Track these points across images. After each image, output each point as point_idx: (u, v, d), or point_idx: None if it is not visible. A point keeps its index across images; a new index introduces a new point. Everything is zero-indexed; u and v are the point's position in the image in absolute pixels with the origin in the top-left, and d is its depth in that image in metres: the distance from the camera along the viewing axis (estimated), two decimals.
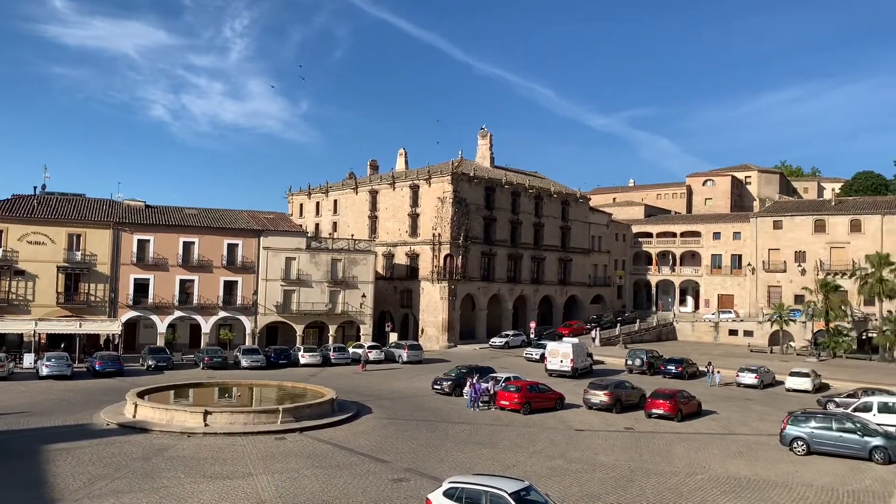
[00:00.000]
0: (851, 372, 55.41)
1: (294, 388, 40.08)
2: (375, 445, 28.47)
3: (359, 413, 34.80)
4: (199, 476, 23.22)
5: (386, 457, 26.54)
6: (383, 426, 32.45)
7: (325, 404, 34.09)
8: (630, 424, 34.47)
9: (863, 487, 23.87)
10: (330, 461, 25.70)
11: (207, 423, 30.25)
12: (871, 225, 78.79)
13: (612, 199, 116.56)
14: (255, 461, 25.34)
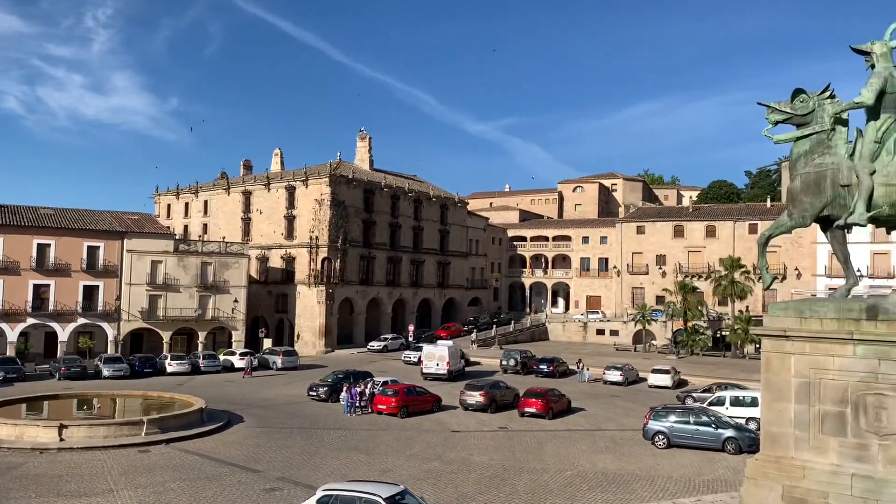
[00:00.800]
0: (707, 368, 59.26)
1: (160, 397, 38.18)
2: (247, 455, 27.58)
3: (230, 422, 33.61)
4: (52, 495, 21.63)
5: (258, 466, 25.77)
6: (255, 435, 31.50)
7: (193, 414, 32.68)
8: (504, 424, 35.28)
9: (717, 477, 25.55)
10: (198, 473, 24.65)
11: (63, 437, 28.23)
12: (724, 231, 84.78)
13: (490, 203, 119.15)
14: (116, 476, 23.90)
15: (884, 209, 12.39)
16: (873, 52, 12.66)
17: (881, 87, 12.29)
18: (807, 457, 12.17)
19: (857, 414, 11.83)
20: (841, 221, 12.78)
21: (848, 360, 12.05)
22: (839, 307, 12.40)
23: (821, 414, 12.15)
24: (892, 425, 11.52)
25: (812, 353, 12.39)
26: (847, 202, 12.63)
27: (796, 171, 13.31)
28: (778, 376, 12.65)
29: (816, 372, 12.30)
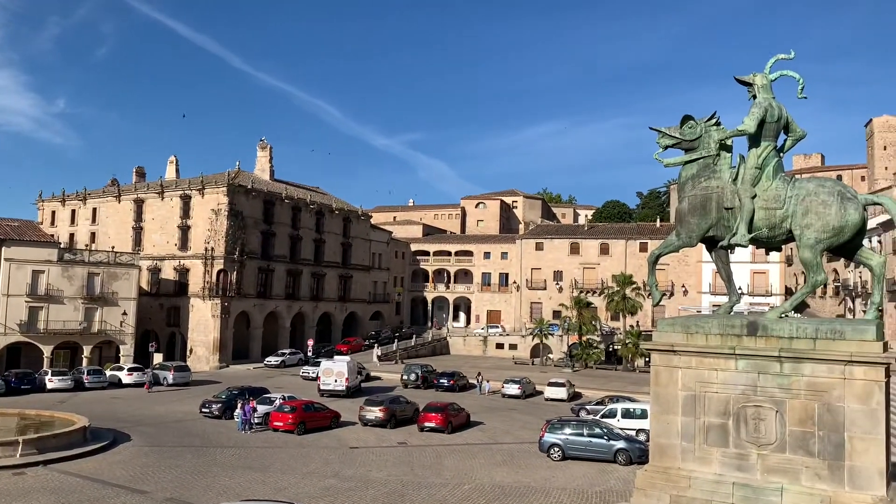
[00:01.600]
0: (600, 381, 61.16)
1: (39, 416, 35.77)
2: (133, 475, 26.21)
3: (115, 441, 31.86)
4: None
5: (145, 487, 24.53)
6: (143, 454, 30.00)
7: (74, 433, 30.78)
8: (403, 439, 35.12)
9: (608, 488, 26.30)
10: (78, 496, 23.20)
11: None
12: (617, 248, 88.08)
13: (393, 217, 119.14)
14: None
15: (763, 231, 13.17)
16: (755, 84, 13.50)
17: (762, 117, 13.10)
18: (692, 467, 12.71)
19: (739, 425, 12.45)
20: (725, 242, 13.49)
21: (730, 374, 12.68)
22: (722, 323, 13.06)
23: (705, 426, 12.72)
24: (770, 436, 12.19)
25: (698, 367, 12.97)
26: (730, 224, 13.35)
27: (684, 193, 13.97)
28: (666, 389, 13.17)
29: (702, 385, 12.88)
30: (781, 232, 13.06)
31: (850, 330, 12.11)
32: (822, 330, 12.28)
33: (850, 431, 11.67)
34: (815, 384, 11.99)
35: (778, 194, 12.97)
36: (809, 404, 12.00)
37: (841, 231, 12.47)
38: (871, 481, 11.43)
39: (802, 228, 12.64)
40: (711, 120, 13.88)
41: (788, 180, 13.20)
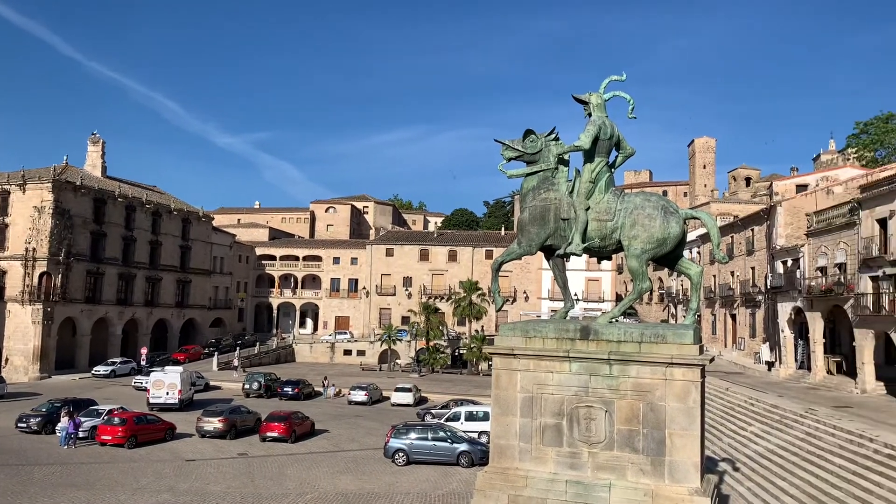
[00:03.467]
0: (446, 385, 62.23)
1: None
2: None
3: None
4: None
5: None
6: None
7: None
8: (244, 450, 33.90)
9: (451, 490, 26.77)
10: None
11: None
12: (464, 255, 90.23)
13: (237, 220, 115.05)
14: None
15: (595, 241, 13.96)
16: (590, 102, 14.29)
17: (596, 134, 13.89)
18: (529, 466, 13.19)
19: (572, 425, 13.07)
20: (561, 251, 14.16)
21: (565, 376, 13.29)
22: (558, 328, 13.68)
23: (542, 426, 13.25)
24: (600, 434, 12.89)
25: (535, 369, 13.49)
26: (567, 234, 14.03)
27: (525, 203, 14.54)
28: (506, 392, 13.60)
29: (539, 387, 13.41)
30: (612, 242, 13.89)
31: (671, 334, 13.06)
32: (646, 334, 13.14)
33: (670, 428, 12.56)
34: (640, 385, 12.81)
35: (609, 207, 13.78)
36: (635, 404, 12.80)
37: (664, 242, 13.43)
38: (688, 474, 12.36)
39: (630, 239, 13.51)
40: (551, 135, 14.53)
41: (619, 194, 14.07)
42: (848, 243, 39.98)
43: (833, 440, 25.30)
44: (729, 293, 59.64)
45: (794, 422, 29.05)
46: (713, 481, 14.28)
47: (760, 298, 53.25)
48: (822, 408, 30.91)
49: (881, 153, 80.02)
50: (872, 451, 22.72)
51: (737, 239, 58.75)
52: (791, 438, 27.51)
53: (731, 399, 36.64)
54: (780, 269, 48.61)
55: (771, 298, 50.06)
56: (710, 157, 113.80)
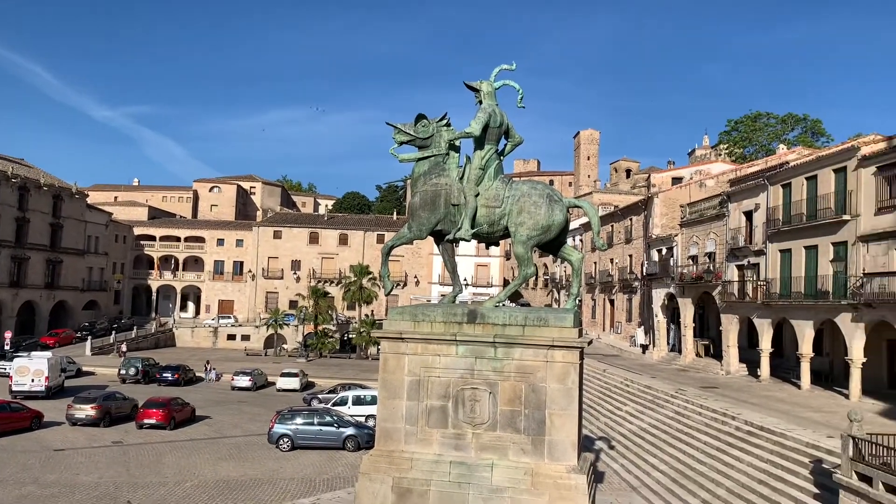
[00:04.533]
0: (334, 370, 61.78)
1: None
2: None
3: None
4: None
5: None
6: None
7: None
8: (119, 438, 32.42)
9: (336, 474, 26.68)
10: None
11: None
12: (355, 239, 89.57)
13: (114, 197, 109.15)
14: None
15: (484, 227, 14.19)
16: (481, 90, 14.47)
17: (486, 122, 14.09)
18: (414, 449, 13.32)
19: (457, 407, 13.30)
20: (450, 236, 14.31)
21: (451, 359, 13.49)
22: (446, 312, 13.85)
23: (428, 409, 13.40)
24: (484, 416, 13.18)
25: (423, 353, 13.61)
26: (456, 219, 14.19)
27: (416, 188, 14.58)
28: (393, 375, 13.66)
29: (426, 370, 13.54)
30: (499, 228, 14.16)
31: (553, 318, 13.49)
32: (530, 318, 13.53)
33: (550, 409, 13.01)
34: (523, 367, 13.17)
35: (497, 194, 14.03)
36: (518, 385, 13.16)
37: (548, 229, 13.83)
38: (566, 453, 12.86)
39: (517, 226, 13.83)
40: (443, 121, 14.61)
41: (507, 181, 14.35)
42: (717, 234, 42.61)
43: (700, 418, 27.01)
44: (608, 279, 62.27)
45: (665, 402, 30.78)
46: (590, 459, 14.94)
47: (637, 285, 55.93)
48: (690, 388, 32.91)
49: (749, 150, 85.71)
50: (734, 429, 24.42)
51: (617, 228, 61.36)
52: (662, 417, 29.16)
53: (608, 380, 38.38)
54: (655, 257, 51.21)
55: (646, 285, 52.68)
56: (593, 149, 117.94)
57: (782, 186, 36.07)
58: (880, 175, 29.45)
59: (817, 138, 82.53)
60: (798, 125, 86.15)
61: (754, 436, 22.96)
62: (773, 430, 22.51)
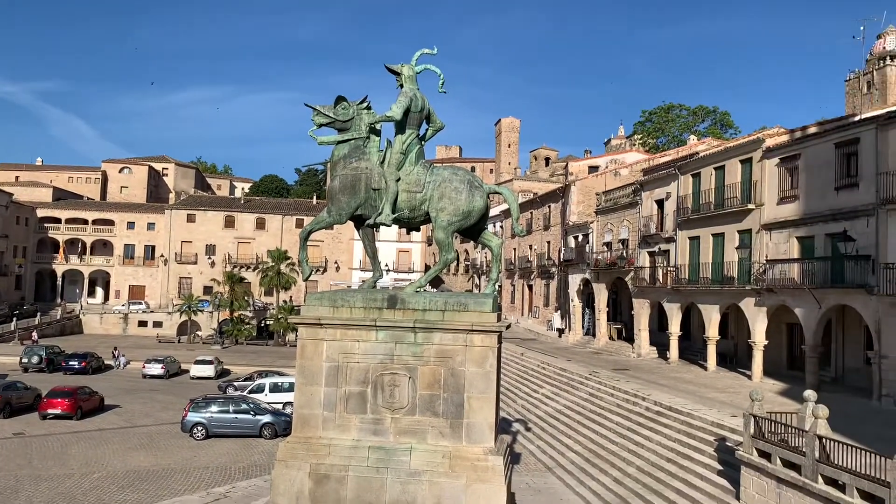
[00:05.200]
0: (250, 357, 60.62)
1: None
2: None
3: None
4: None
5: None
6: None
7: None
8: (21, 429, 30.91)
9: (253, 462, 26.24)
10: None
11: None
12: (273, 224, 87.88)
13: (15, 177, 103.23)
14: None
15: (405, 212, 14.13)
16: (402, 74, 14.35)
17: (407, 106, 13.99)
18: (332, 435, 13.21)
19: (376, 392, 13.26)
20: (371, 221, 14.18)
21: (371, 345, 13.42)
22: (366, 297, 13.75)
23: (346, 394, 13.30)
24: (403, 400, 13.19)
25: (342, 339, 13.48)
26: (377, 204, 14.07)
27: (336, 172, 14.36)
28: (311, 361, 13.48)
29: (345, 356, 13.43)
30: (420, 213, 14.14)
31: (472, 302, 13.61)
32: (450, 303, 13.59)
33: (469, 392, 13.13)
34: (443, 351, 13.25)
35: (419, 179, 13.99)
36: (437, 369, 13.23)
37: (469, 215, 13.90)
38: (483, 435, 13.03)
39: (437, 211, 13.84)
40: (363, 103, 14.43)
41: (428, 166, 14.33)
42: (631, 221, 43.92)
43: (612, 400, 27.88)
44: (527, 265, 63.33)
45: (579, 384, 31.62)
46: (507, 441, 15.20)
47: (554, 270, 57.10)
48: (604, 370, 33.92)
49: (662, 140, 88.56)
50: (644, 409, 25.33)
51: (536, 215, 62.38)
52: (577, 399, 29.96)
53: (526, 363, 39.12)
54: (572, 243, 52.37)
55: (563, 270, 53.85)
56: (514, 137, 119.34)
57: (692, 176, 37.44)
58: (782, 166, 30.96)
59: (726, 130, 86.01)
60: (708, 117, 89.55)
61: (663, 416, 23.88)
62: (681, 409, 23.46)
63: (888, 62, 79.96)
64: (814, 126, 32.63)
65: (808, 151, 29.56)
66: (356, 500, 12.74)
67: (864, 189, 26.29)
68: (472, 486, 12.55)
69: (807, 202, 29.36)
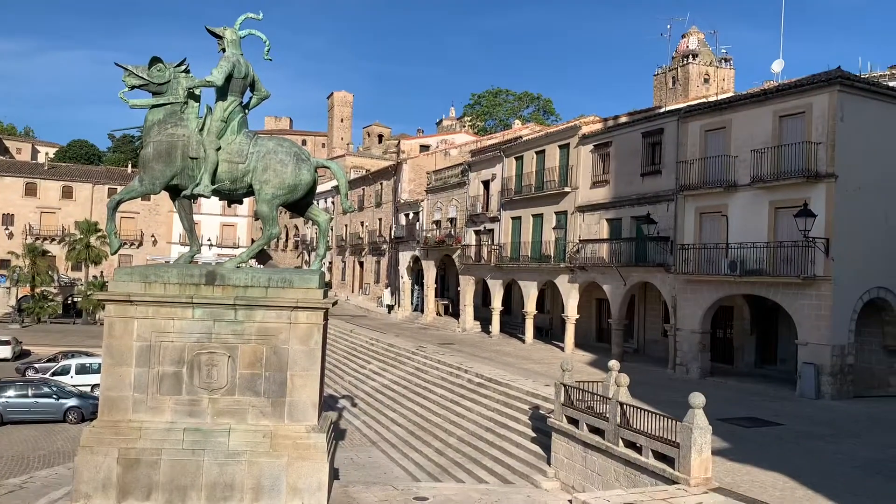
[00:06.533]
0: (55, 336, 55.81)
1: None
2: None
3: None
4: None
5: None
6: None
7: None
8: None
9: (55, 449, 24.26)
10: None
11: None
12: (82, 192, 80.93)
13: None
14: None
15: (226, 183, 13.51)
16: (225, 37, 13.65)
17: (229, 71, 13.32)
18: (144, 418, 12.48)
19: (193, 372, 12.66)
20: (187, 192, 13.42)
21: (187, 323, 12.78)
22: (182, 273, 13.04)
23: (160, 375, 12.60)
24: (222, 380, 12.71)
25: (155, 317, 12.72)
26: (195, 174, 13.32)
27: (150, 138, 13.42)
28: (120, 341, 12.62)
29: (158, 335, 12.69)
30: (243, 185, 13.60)
31: (298, 279, 13.34)
32: (274, 279, 13.24)
33: (292, 370, 12.91)
34: (265, 329, 12.89)
35: (241, 149, 13.43)
36: (259, 348, 12.87)
37: (295, 189, 13.56)
38: (306, 413, 12.88)
39: (262, 184, 13.37)
40: (181, 66, 13.58)
41: (252, 136, 13.78)
42: (459, 201, 45.09)
43: (437, 373, 28.64)
44: (358, 242, 63.21)
45: (406, 359, 32.17)
46: (331, 418, 15.14)
47: (385, 247, 57.47)
48: (430, 345, 34.73)
49: (490, 123, 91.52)
50: (466, 381, 26.26)
51: (368, 192, 62.31)
52: (403, 374, 30.47)
53: (355, 340, 39.17)
54: (403, 221, 52.93)
55: (394, 248, 54.35)
56: (347, 112, 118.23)
57: (516, 159, 39.05)
58: (596, 153, 33.08)
59: (548, 116, 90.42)
60: (532, 103, 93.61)
61: (484, 387, 24.89)
62: (500, 381, 24.57)
63: (690, 60, 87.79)
64: (625, 116, 35.14)
65: (619, 140, 31.79)
66: (170, 484, 12.18)
67: (666, 176, 28.72)
68: (293, 464, 12.40)
69: (616, 187, 31.60)
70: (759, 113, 25.02)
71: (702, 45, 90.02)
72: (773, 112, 24.55)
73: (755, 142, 24.79)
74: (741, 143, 25.39)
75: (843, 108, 22.68)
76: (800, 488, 12.79)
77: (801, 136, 23.34)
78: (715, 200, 26.28)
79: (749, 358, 28.81)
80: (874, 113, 23.63)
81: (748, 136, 25.16)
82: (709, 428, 12.97)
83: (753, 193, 24.84)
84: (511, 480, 18.19)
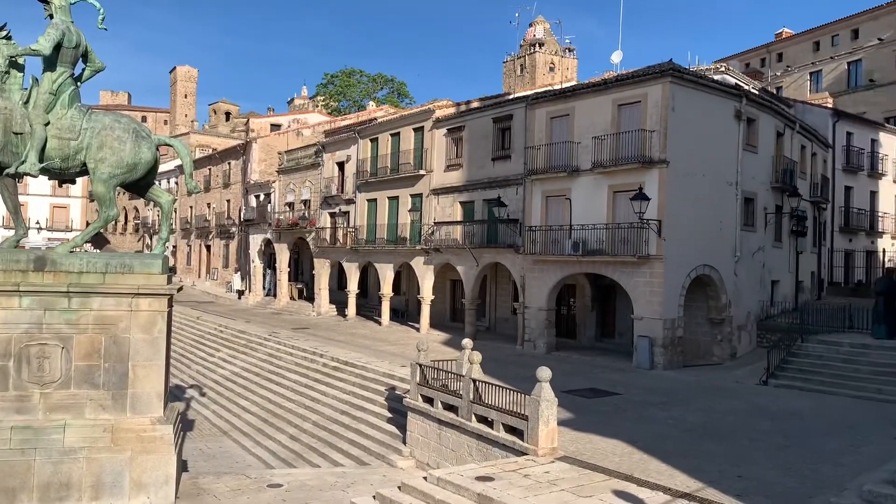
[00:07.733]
0: None
1: None
2: None
3: None
4: None
5: None
6: None
7: None
8: None
9: None
10: None
11: None
12: None
13: None
14: None
15: (56, 161, 12.51)
16: (53, 3, 12.58)
17: (59, 40, 12.29)
18: None
19: (21, 366, 11.72)
20: (11, 169, 12.28)
21: (14, 313, 11.80)
22: (6, 258, 11.97)
23: None
24: (55, 373, 11.85)
25: None
26: (19, 150, 12.23)
27: None
28: None
29: None
30: (76, 164, 12.66)
31: (139, 264, 12.64)
32: (112, 264, 12.47)
33: (134, 361, 12.26)
34: (103, 318, 12.15)
35: (73, 124, 12.48)
36: (97, 338, 12.12)
37: (134, 168, 12.79)
38: (151, 404, 12.29)
39: (97, 162, 12.51)
40: (1, 32, 12.38)
41: (85, 111, 12.84)
42: (313, 182, 44.33)
43: (291, 358, 28.15)
44: (205, 224, 60.62)
45: (258, 345, 31.35)
46: (178, 409, 14.53)
47: (235, 230, 55.51)
48: (284, 330, 34.05)
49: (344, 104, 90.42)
50: (321, 365, 26.01)
51: (214, 172, 59.79)
52: (255, 360, 29.68)
53: (202, 327, 37.65)
54: (253, 202, 51.31)
55: (244, 230, 52.63)
56: (191, 87, 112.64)
57: (371, 141, 38.90)
58: (449, 137, 33.62)
59: (402, 99, 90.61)
60: (387, 85, 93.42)
61: (339, 370, 24.77)
62: (356, 363, 24.54)
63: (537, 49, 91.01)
64: (476, 101, 35.91)
65: (471, 124, 32.48)
66: None
67: (515, 160, 29.72)
68: (137, 458, 11.82)
69: (469, 170, 32.31)
70: (600, 101, 26.40)
71: (548, 35, 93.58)
72: (612, 101, 25.99)
73: (596, 129, 26.14)
74: (583, 129, 26.69)
75: (675, 99, 24.42)
76: (636, 452, 13.78)
77: (637, 124, 24.89)
78: (560, 184, 27.52)
79: (590, 332, 30.57)
80: (700, 104, 25.62)
81: (590, 124, 26.50)
82: (555, 400, 13.65)
83: (594, 178, 26.24)
84: (367, 462, 18.28)
